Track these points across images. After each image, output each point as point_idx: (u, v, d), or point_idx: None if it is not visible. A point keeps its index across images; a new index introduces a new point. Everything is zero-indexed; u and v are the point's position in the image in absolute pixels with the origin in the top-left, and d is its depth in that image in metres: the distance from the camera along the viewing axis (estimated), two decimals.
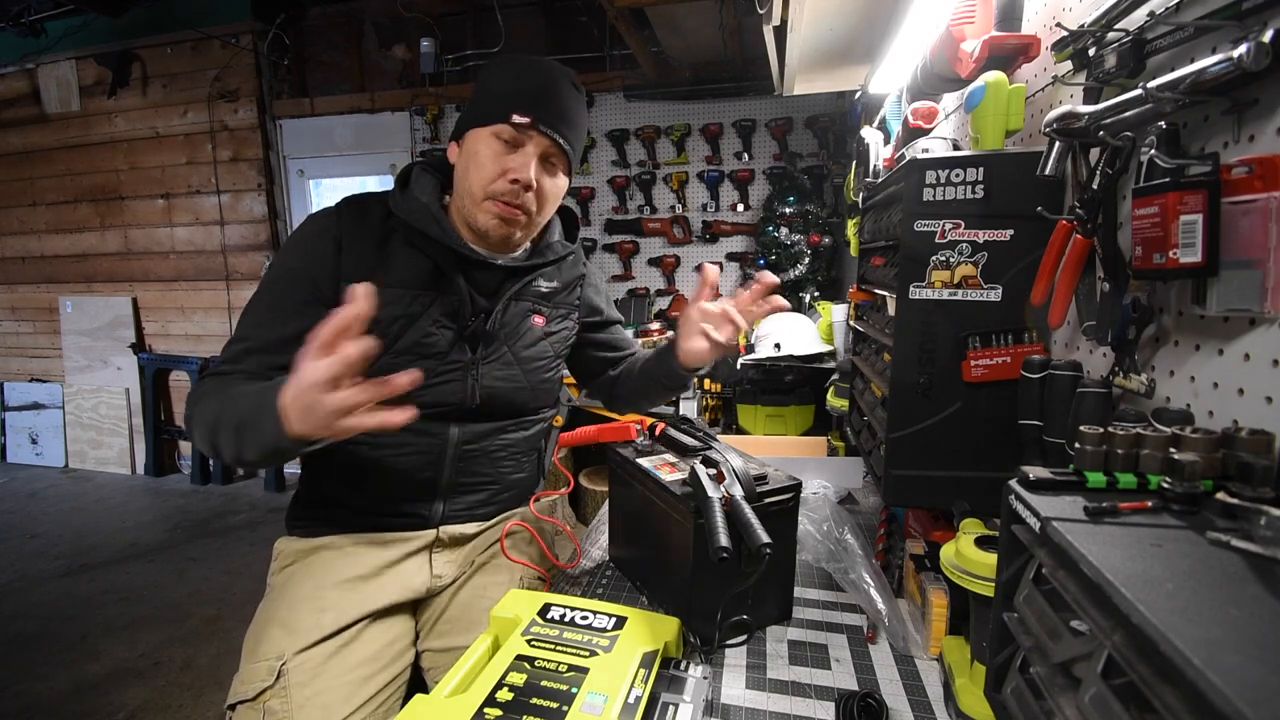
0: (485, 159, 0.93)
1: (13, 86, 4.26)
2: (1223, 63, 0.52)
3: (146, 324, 4.28)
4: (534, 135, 0.93)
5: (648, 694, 0.67)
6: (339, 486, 1.00)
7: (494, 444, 1.04)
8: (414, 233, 0.95)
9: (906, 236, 0.85)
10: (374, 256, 0.94)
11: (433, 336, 0.95)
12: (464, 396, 0.98)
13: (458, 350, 0.97)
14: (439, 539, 1.02)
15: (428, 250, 0.95)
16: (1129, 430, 0.50)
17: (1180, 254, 0.56)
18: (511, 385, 1.02)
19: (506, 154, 0.93)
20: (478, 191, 0.94)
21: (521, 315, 1.04)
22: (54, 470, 4.30)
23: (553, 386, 1.11)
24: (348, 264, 0.92)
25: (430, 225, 0.94)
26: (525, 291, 1.04)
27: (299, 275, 0.92)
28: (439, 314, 0.95)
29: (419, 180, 1.00)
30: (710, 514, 0.74)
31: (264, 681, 0.83)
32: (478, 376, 0.98)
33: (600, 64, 3.50)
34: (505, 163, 0.93)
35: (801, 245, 3.09)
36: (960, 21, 0.95)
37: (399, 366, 0.92)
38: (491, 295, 1.00)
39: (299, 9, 3.88)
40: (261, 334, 0.90)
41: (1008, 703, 0.49)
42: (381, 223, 0.96)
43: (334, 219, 0.95)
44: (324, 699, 0.84)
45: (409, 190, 0.98)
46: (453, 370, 0.97)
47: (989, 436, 0.85)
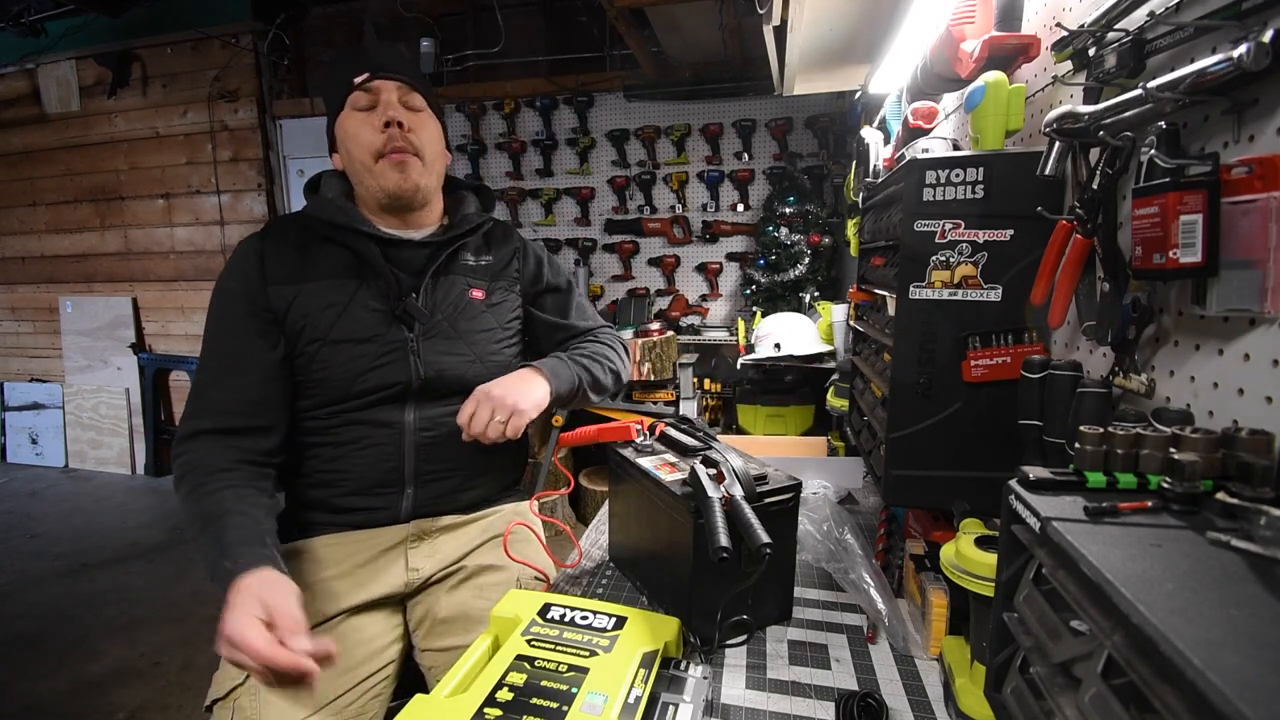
0: (355, 129, 1.00)
1: (13, 86, 4.26)
2: (1223, 63, 0.52)
3: (146, 324, 4.28)
4: (379, 84, 1.00)
5: (648, 694, 0.67)
6: (309, 491, 1.01)
7: (455, 427, 1.02)
8: (328, 227, 1.00)
9: (906, 236, 0.85)
10: (296, 259, 0.99)
11: (363, 320, 0.99)
12: (409, 375, 1.00)
13: (394, 331, 1.00)
14: (412, 533, 1.03)
15: (345, 241, 1.00)
16: (1129, 430, 0.50)
17: (1180, 254, 0.56)
18: (460, 359, 1.04)
19: (369, 115, 1.00)
20: (367, 158, 0.99)
21: (457, 290, 1.07)
22: (54, 470, 4.30)
23: (509, 363, 1.11)
24: (270, 270, 0.98)
25: (337, 214, 1.00)
26: (454, 265, 1.07)
27: (235, 293, 0.98)
28: (368, 298, 1.00)
29: (327, 182, 1.07)
30: (710, 514, 0.74)
31: (234, 680, 0.84)
32: (419, 353, 1.01)
33: (600, 64, 3.50)
34: (371, 120, 0.99)
35: (801, 245, 3.09)
36: (960, 21, 0.95)
37: (338, 354, 0.97)
38: (418, 274, 1.04)
39: (299, 9, 3.88)
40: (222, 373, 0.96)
41: (1008, 703, 0.49)
42: (300, 230, 1.02)
43: (257, 238, 1.02)
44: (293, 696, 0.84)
45: (319, 192, 1.06)
46: (392, 351, 0.99)
47: (989, 436, 0.85)
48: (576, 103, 3.48)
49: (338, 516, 1.01)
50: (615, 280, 3.63)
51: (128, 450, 4.23)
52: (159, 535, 3.25)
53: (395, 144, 0.99)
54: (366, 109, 1.00)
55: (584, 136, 3.52)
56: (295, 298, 0.97)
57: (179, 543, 3.14)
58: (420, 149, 1.02)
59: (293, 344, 0.97)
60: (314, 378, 0.98)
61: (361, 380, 0.98)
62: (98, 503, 3.72)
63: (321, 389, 0.98)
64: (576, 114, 3.51)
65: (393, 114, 0.98)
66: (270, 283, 0.97)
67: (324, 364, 0.97)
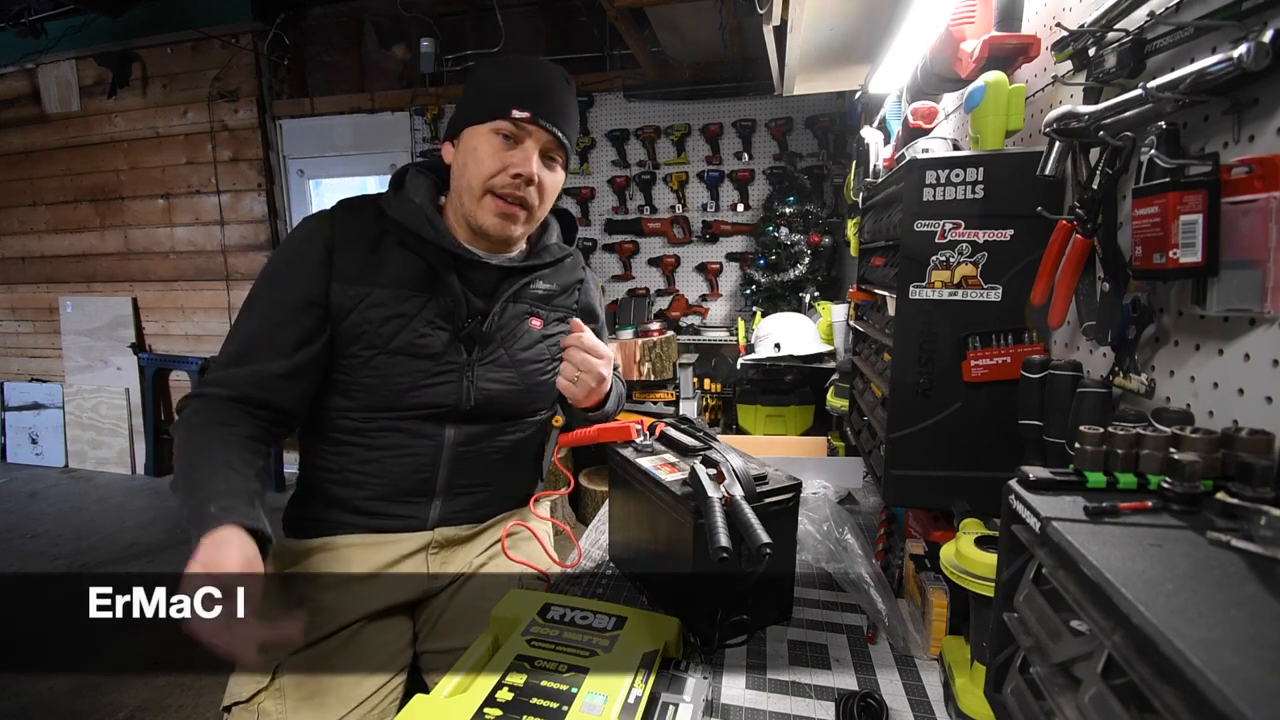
0: (485, 155, 0.93)
1: (13, 86, 4.26)
2: (1223, 63, 0.52)
3: (146, 324, 4.28)
4: (534, 130, 0.93)
5: (648, 694, 0.67)
6: (335, 489, 1.00)
7: (490, 446, 1.03)
8: (407, 233, 0.95)
9: (906, 236, 0.85)
10: (366, 258, 0.94)
11: (427, 337, 0.95)
12: (459, 398, 0.97)
13: (453, 351, 0.97)
14: (435, 540, 1.02)
15: (421, 251, 0.95)
16: (1129, 430, 0.50)
17: (1180, 254, 0.56)
18: (507, 388, 1.02)
19: (506, 149, 0.93)
20: (477, 187, 0.93)
21: (519, 317, 1.03)
22: (54, 470, 4.30)
23: (549, 389, 1.10)
24: (339, 265, 0.93)
25: (423, 226, 0.94)
26: (523, 293, 1.03)
27: (291, 283, 0.92)
28: (433, 315, 0.95)
29: (413, 181, 1.00)
30: (710, 514, 0.74)
31: (259, 683, 0.83)
32: (473, 378, 0.98)
33: (600, 64, 3.50)
34: (506, 158, 0.93)
35: (801, 245, 3.09)
36: (960, 21, 0.95)
37: (393, 366, 0.94)
38: (488, 296, 1.00)
39: (299, 9, 3.88)
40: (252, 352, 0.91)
41: (1008, 703, 0.49)
42: (375, 224, 0.96)
43: (326, 221, 0.96)
44: (319, 700, 0.84)
45: (403, 191, 0.98)
46: (448, 372, 0.96)
47: (989, 436, 0.85)
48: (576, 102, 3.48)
49: (360, 518, 0.99)
50: (615, 280, 3.63)
51: (128, 450, 4.23)
52: (159, 535, 3.25)
53: (515, 194, 0.94)
54: (506, 140, 0.93)
55: (584, 136, 3.52)
56: (361, 301, 0.92)
57: (179, 543, 3.14)
58: (535, 206, 0.97)
59: (345, 344, 0.93)
60: (362, 382, 0.94)
61: (412, 395, 0.95)
62: (98, 503, 3.72)
63: (367, 394, 0.95)
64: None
65: (529, 171, 0.92)
66: (336, 279, 0.92)
67: (376, 372, 0.94)
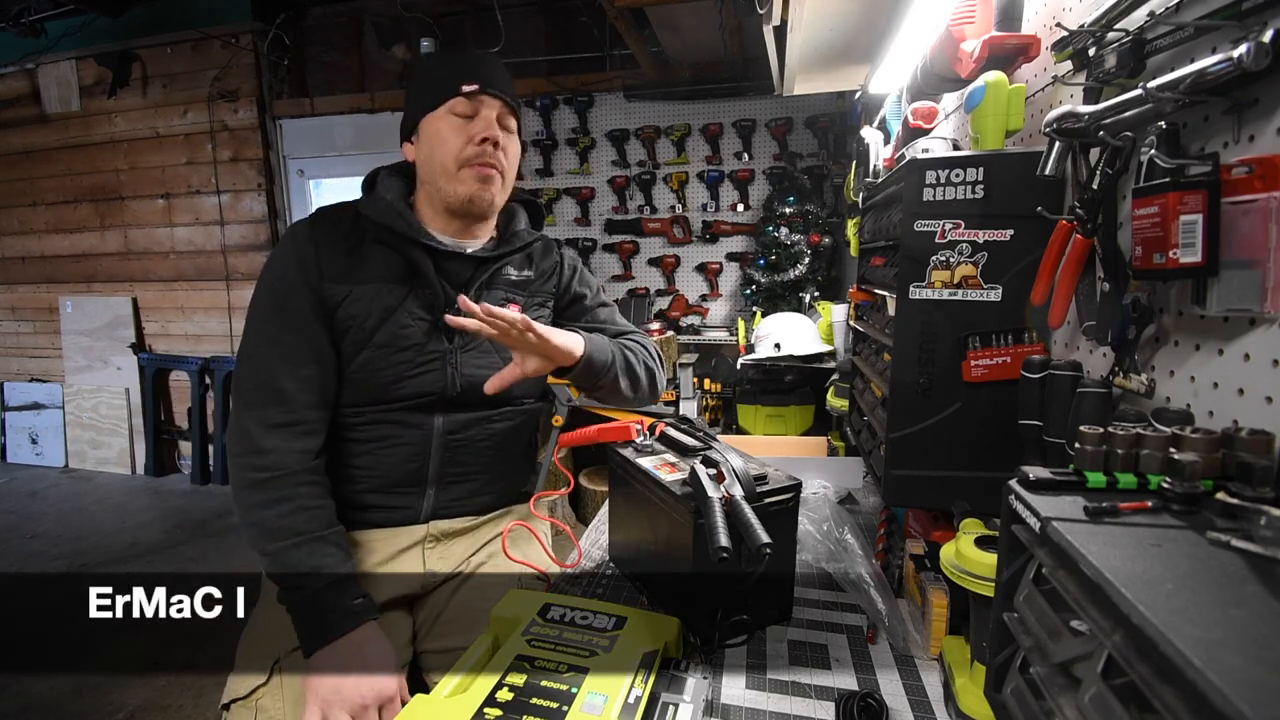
0: (449, 134, 0.98)
1: (13, 86, 4.25)
2: (1223, 63, 0.52)
3: (146, 324, 4.27)
4: (486, 99, 0.99)
5: (648, 694, 0.67)
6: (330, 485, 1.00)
7: (480, 434, 1.05)
8: (382, 230, 0.99)
9: (906, 236, 0.85)
10: (348, 258, 0.99)
11: (409, 328, 0.99)
12: (444, 385, 1.00)
13: (435, 341, 1.00)
14: (431, 534, 1.03)
15: (397, 246, 1.00)
16: (1129, 430, 0.50)
17: (1180, 254, 0.56)
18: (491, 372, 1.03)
19: (466, 125, 0.99)
20: (451, 165, 0.98)
21: (496, 304, 1.04)
22: (54, 470, 4.30)
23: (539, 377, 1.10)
24: (326, 265, 0.97)
25: (396, 220, 0.99)
26: (496, 280, 1.07)
27: (297, 284, 0.96)
28: (414, 306, 0.99)
29: (384, 181, 1.06)
30: (710, 514, 0.74)
31: (258, 679, 0.84)
32: (457, 365, 1.01)
33: (600, 64, 3.50)
34: (469, 130, 0.98)
35: (801, 245, 3.09)
36: (960, 21, 0.95)
37: (378, 360, 0.97)
38: (464, 286, 1.04)
39: (299, 9, 3.87)
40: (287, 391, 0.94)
41: (1008, 703, 0.49)
42: (353, 227, 1.01)
43: (308, 226, 1.01)
44: None
45: (375, 191, 1.04)
46: (431, 360, 1.00)
47: (989, 436, 0.85)
48: (576, 102, 3.48)
49: (354, 513, 1.01)
50: (615, 280, 3.63)
51: (128, 450, 4.22)
52: (159, 535, 3.25)
53: (487, 160, 0.99)
54: (465, 117, 0.99)
55: (584, 136, 3.52)
56: (346, 297, 0.97)
57: (179, 543, 3.14)
58: (505, 169, 1.03)
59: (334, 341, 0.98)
60: (349, 377, 0.98)
61: (398, 386, 0.98)
62: (98, 503, 3.72)
63: (354, 389, 0.98)
64: (576, 114, 3.51)
65: (493, 133, 0.99)
66: (324, 278, 0.97)
67: (362, 366, 0.97)
